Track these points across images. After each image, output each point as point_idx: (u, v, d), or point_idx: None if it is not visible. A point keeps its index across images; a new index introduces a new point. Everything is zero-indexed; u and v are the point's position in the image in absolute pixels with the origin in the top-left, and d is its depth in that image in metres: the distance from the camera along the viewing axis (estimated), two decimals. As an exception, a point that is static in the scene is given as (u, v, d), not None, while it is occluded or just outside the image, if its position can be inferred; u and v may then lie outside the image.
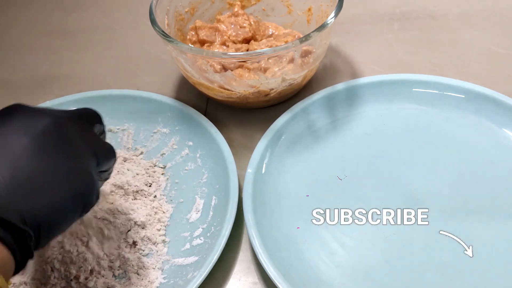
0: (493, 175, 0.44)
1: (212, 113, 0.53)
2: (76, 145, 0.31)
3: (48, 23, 0.70)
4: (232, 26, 0.54)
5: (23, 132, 0.29)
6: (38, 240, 0.28)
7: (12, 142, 0.28)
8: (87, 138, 0.33)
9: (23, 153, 0.28)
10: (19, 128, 0.29)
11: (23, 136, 0.29)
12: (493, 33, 0.60)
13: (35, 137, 0.29)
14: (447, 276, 0.38)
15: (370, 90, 0.51)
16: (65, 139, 0.31)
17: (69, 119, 0.32)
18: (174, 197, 0.45)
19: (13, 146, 0.28)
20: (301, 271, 0.38)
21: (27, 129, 0.29)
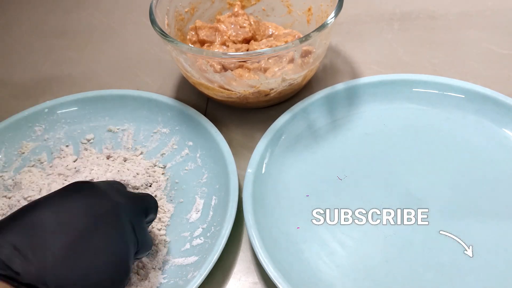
0: (493, 175, 0.44)
1: (212, 113, 0.53)
2: (126, 234, 0.33)
3: (48, 23, 0.70)
4: (232, 26, 0.54)
5: (84, 212, 0.31)
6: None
7: (72, 221, 0.31)
8: (137, 227, 0.34)
9: (79, 235, 0.30)
10: (81, 207, 0.32)
11: (83, 216, 0.31)
12: (493, 33, 0.60)
13: (94, 220, 0.31)
14: (447, 276, 0.38)
15: (370, 90, 0.51)
16: (118, 226, 0.33)
17: (128, 206, 0.34)
18: (174, 197, 0.45)
19: (73, 225, 0.30)
20: (301, 271, 0.38)
21: (88, 210, 0.32)
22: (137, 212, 0.36)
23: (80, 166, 0.47)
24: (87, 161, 0.48)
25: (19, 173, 0.48)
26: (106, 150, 0.50)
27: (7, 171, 0.48)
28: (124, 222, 0.33)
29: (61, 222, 0.30)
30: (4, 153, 0.50)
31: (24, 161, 0.49)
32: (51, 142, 0.51)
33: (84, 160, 0.48)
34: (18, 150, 0.50)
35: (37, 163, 0.49)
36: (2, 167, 0.49)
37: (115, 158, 0.48)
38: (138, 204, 0.36)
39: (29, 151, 0.50)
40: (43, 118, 0.52)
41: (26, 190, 0.44)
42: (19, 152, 0.50)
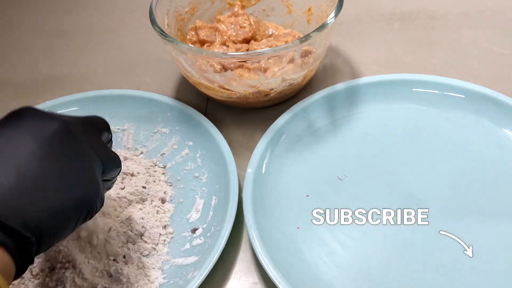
0: (493, 175, 0.44)
1: (212, 113, 0.53)
2: (84, 150, 0.31)
3: (48, 23, 0.70)
4: (232, 26, 0.54)
5: (31, 135, 0.29)
6: (39, 246, 0.28)
7: (20, 146, 0.28)
8: (94, 144, 0.32)
9: (29, 158, 0.28)
10: (27, 131, 0.29)
11: (31, 139, 0.29)
12: (493, 33, 0.60)
13: (43, 141, 0.29)
14: (447, 276, 0.38)
15: (370, 90, 0.51)
16: (73, 143, 0.30)
17: (78, 124, 0.32)
18: (174, 197, 0.45)
19: (20, 150, 0.28)
20: (301, 271, 0.38)
21: (35, 133, 0.29)
22: (89, 129, 0.33)
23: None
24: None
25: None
26: (106, 150, 0.50)
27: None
28: (78, 141, 0.31)
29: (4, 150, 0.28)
30: (4, 153, 0.50)
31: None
32: (51, 142, 0.51)
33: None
34: (18, 150, 0.50)
35: None
36: (2, 167, 0.49)
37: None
38: (88, 122, 0.34)
39: (29, 151, 0.50)
40: (43, 118, 0.52)
41: None
42: (19, 152, 0.50)
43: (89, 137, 0.32)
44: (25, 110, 0.31)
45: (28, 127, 0.30)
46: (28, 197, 0.27)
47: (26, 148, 0.28)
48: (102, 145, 0.34)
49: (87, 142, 0.32)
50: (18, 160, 0.28)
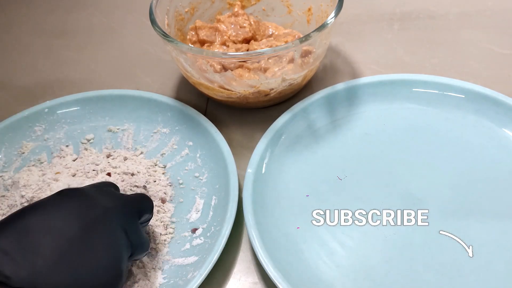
0: (493, 175, 0.44)
1: (212, 113, 0.53)
2: (117, 238, 0.33)
3: (48, 23, 0.70)
4: (232, 26, 0.54)
5: (75, 218, 0.32)
6: None
7: (63, 226, 0.31)
8: (130, 230, 0.34)
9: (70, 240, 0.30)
10: (72, 213, 0.32)
11: (73, 222, 0.31)
12: (493, 33, 0.60)
13: (85, 225, 0.31)
14: (447, 276, 0.38)
15: (370, 90, 0.51)
16: (109, 231, 0.33)
17: (119, 209, 0.34)
18: (174, 197, 0.45)
19: (63, 230, 0.30)
20: (301, 271, 0.38)
21: (79, 216, 0.32)
22: (129, 214, 0.35)
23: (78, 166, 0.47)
24: (86, 160, 0.48)
25: (18, 172, 0.48)
26: (106, 150, 0.50)
27: (7, 171, 0.48)
28: (114, 226, 0.33)
29: (51, 227, 0.30)
30: (4, 153, 0.50)
31: (24, 161, 0.49)
32: (51, 142, 0.51)
33: (84, 160, 0.48)
34: (18, 150, 0.50)
35: (37, 163, 0.49)
36: (2, 167, 0.49)
37: (115, 157, 0.48)
38: (129, 206, 0.36)
39: (29, 151, 0.50)
40: (43, 118, 0.52)
41: (24, 188, 0.44)
42: (19, 152, 0.50)
43: (127, 223, 0.34)
44: (73, 191, 0.34)
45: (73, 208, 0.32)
46: (61, 279, 0.29)
47: (68, 229, 0.31)
48: (136, 230, 0.36)
49: (123, 228, 0.34)
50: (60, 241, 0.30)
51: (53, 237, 0.30)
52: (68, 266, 0.29)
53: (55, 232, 0.30)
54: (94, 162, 0.47)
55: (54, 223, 0.31)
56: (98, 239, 0.32)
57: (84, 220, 0.32)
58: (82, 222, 0.31)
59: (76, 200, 0.33)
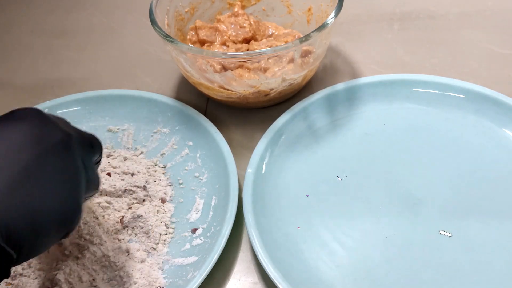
0: (493, 175, 0.44)
1: (212, 113, 0.53)
2: (77, 169, 0.30)
3: (48, 23, 0.70)
4: (232, 26, 0.54)
5: (34, 142, 0.28)
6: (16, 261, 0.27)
7: (16, 152, 0.27)
8: (87, 163, 0.32)
9: (26, 167, 0.27)
10: (31, 136, 0.28)
11: (32, 146, 0.28)
12: (493, 33, 0.60)
13: (43, 151, 0.28)
14: (447, 276, 0.38)
15: (370, 90, 0.51)
16: (70, 160, 0.30)
17: (78, 139, 0.31)
18: (174, 197, 0.45)
19: (16, 156, 0.27)
20: (301, 271, 0.38)
21: (36, 141, 0.28)
22: (86, 147, 0.32)
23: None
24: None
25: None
26: (106, 150, 0.50)
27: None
28: (75, 156, 0.30)
29: (6, 150, 0.27)
30: (4, 153, 0.50)
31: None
32: (51, 142, 0.51)
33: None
34: (18, 150, 0.50)
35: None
36: (2, 167, 0.49)
37: (115, 156, 0.48)
38: (86, 138, 0.33)
39: (29, 151, 0.50)
40: (43, 118, 0.52)
41: None
42: (19, 152, 0.50)
43: (85, 155, 0.32)
44: (30, 112, 0.30)
45: (30, 132, 0.29)
46: (16, 209, 0.26)
47: (23, 155, 0.27)
48: (91, 165, 0.33)
49: (81, 159, 0.31)
50: (15, 167, 0.27)
51: (7, 162, 0.27)
52: (23, 196, 0.26)
53: (10, 156, 0.27)
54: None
55: (7, 149, 0.27)
56: (57, 167, 0.28)
57: (43, 145, 0.28)
58: (40, 147, 0.28)
59: (33, 122, 0.29)
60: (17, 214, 0.26)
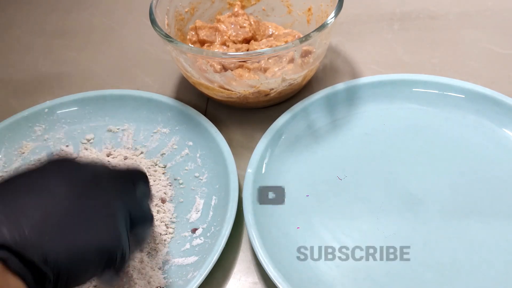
0: (493, 175, 0.44)
1: (212, 113, 0.53)
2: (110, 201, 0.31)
3: (48, 23, 0.70)
4: (232, 26, 0.54)
5: (64, 178, 0.30)
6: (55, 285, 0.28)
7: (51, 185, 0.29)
8: (126, 196, 0.33)
9: (59, 198, 0.29)
10: (61, 173, 0.30)
11: (62, 181, 0.30)
12: (493, 33, 0.60)
13: (74, 186, 0.30)
14: (447, 276, 0.38)
15: (370, 90, 0.51)
16: (101, 193, 0.31)
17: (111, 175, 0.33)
18: (174, 197, 0.45)
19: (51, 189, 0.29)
20: (301, 271, 0.38)
21: (68, 176, 0.30)
22: (122, 180, 0.34)
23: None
24: (87, 161, 0.48)
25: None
26: (106, 149, 0.50)
27: (7, 171, 0.48)
28: (108, 190, 0.31)
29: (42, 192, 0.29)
30: (4, 153, 0.50)
31: (24, 161, 0.49)
32: (51, 142, 0.51)
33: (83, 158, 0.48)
34: (18, 150, 0.50)
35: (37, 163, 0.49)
36: (2, 167, 0.49)
37: (116, 156, 0.48)
38: (122, 174, 0.34)
39: (29, 151, 0.50)
40: (43, 118, 0.52)
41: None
42: (19, 152, 0.50)
43: (122, 189, 0.33)
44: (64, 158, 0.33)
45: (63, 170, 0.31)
46: (51, 236, 0.27)
47: (57, 189, 0.29)
48: (134, 197, 0.34)
49: (116, 194, 0.32)
50: (47, 199, 0.28)
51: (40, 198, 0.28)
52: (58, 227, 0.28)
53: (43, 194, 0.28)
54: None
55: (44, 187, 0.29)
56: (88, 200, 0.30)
57: (75, 182, 0.30)
58: (73, 184, 0.30)
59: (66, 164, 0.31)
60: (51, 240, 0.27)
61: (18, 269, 0.26)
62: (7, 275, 0.26)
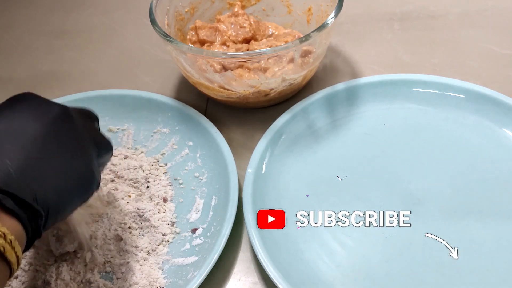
0: (493, 175, 0.44)
1: (212, 113, 0.53)
2: (82, 135, 0.33)
3: (48, 23, 0.70)
4: (232, 26, 0.54)
5: (35, 118, 0.31)
6: (46, 221, 0.29)
7: (25, 127, 0.30)
8: (90, 130, 0.34)
9: (35, 139, 0.30)
10: (30, 114, 0.31)
11: (34, 121, 0.30)
12: (493, 33, 0.60)
13: (46, 124, 0.31)
14: (448, 276, 0.38)
15: (370, 90, 0.51)
16: (73, 128, 0.32)
17: (75, 111, 0.34)
18: (174, 197, 0.45)
19: (26, 131, 0.30)
20: (301, 271, 0.38)
21: (38, 116, 0.31)
22: (84, 117, 0.35)
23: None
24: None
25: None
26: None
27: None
28: (77, 126, 0.33)
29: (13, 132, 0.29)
30: (4, 153, 0.50)
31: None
32: (51, 142, 0.51)
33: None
34: (18, 150, 0.50)
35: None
36: (2, 167, 0.49)
37: (116, 155, 0.48)
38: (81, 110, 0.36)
39: (29, 151, 0.50)
40: (43, 118, 0.52)
41: None
42: (19, 152, 0.50)
43: (84, 124, 0.34)
44: (26, 95, 0.33)
45: (31, 110, 0.31)
46: (35, 174, 0.29)
47: (30, 129, 0.30)
48: (95, 131, 0.36)
49: (84, 127, 0.33)
50: (23, 141, 0.29)
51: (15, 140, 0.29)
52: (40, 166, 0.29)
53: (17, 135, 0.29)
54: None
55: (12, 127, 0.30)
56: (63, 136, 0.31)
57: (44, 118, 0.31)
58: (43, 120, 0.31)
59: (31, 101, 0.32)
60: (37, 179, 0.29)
61: (13, 208, 0.27)
62: (2, 214, 0.27)
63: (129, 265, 0.40)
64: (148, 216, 0.42)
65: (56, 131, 0.31)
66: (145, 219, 0.42)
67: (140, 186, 0.45)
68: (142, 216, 0.42)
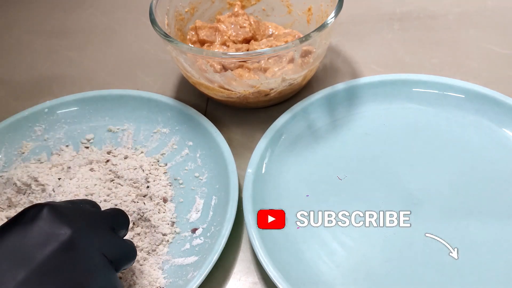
0: (493, 175, 0.44)
1: (212, 113, 0.53)
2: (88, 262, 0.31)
3: (48, 23, 0.70)
4: (232, 26, 0.54)
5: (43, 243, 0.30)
6: None
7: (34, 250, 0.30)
8: (105, 246, 0.33)
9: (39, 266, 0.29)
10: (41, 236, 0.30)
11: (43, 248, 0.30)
12: (493, 33, 0.60)
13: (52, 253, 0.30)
14: (447, 276, 0.38)
15: (370, 90, 0.51)
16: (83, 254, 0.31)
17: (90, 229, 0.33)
18: (174, 197, 0.45)
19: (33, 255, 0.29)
20: (301, 271, 0.38)
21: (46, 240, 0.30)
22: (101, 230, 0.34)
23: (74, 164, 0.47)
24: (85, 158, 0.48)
25: (15, 169, 0.47)
26: (106, 148, 0.50)
27: (7, 171, 0.48)
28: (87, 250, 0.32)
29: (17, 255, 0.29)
30: (4, 153, 0.50)
31: (24, 161, 0.49)
32: (51, 142, 0.51)
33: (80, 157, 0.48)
34: (18, 150, 0.50)
35: (37, 163, 0.49)
36: (2, 167, 0.49)
37: (116, 155, 0.48)
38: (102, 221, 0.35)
39: (29, 151, 0.50)
40: (43, 118, 0.52)
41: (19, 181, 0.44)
42: (19, 152, 0.50)
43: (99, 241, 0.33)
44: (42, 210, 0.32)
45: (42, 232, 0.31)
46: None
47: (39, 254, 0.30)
48: (114, 243, 0.34)
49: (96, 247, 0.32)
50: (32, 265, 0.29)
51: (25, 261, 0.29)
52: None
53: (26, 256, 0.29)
54: (94, 159, 0.47)
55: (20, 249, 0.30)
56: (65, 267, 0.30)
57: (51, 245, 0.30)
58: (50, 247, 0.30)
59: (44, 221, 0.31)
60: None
61: None
62: None
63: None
64: (148, 216, 0.42)
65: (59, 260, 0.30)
66: (145, 219, 0.42)
67: (140, 186, 0.45)
68: (142, 216, 0.42)
